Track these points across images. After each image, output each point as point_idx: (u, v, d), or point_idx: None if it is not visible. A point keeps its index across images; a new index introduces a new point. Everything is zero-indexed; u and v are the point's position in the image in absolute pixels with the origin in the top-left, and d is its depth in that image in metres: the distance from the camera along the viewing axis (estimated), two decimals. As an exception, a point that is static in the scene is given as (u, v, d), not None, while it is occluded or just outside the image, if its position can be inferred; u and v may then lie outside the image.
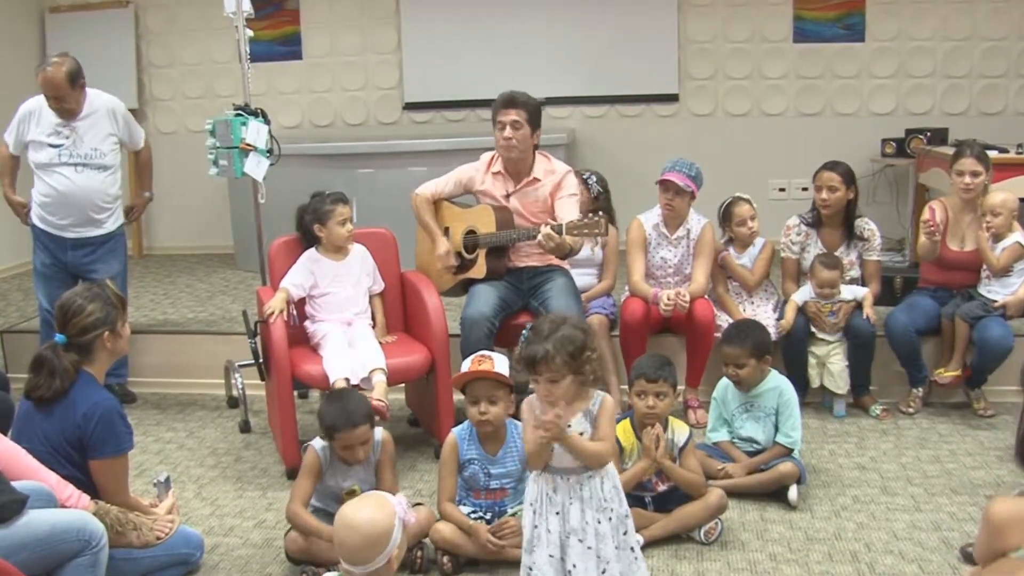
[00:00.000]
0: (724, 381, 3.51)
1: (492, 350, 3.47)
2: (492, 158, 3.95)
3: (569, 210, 3.78)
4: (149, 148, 4.57)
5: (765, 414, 3.40)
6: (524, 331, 2.50)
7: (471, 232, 3.94)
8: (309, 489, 2.93)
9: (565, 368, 2.37)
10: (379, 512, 2.07)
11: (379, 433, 2.99)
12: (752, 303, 4.23)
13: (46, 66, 4.04)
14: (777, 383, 3.42)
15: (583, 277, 4.19)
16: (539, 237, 3.56)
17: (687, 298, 3.93)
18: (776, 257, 4.32)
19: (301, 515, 2.87)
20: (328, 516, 2.70)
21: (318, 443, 2.94)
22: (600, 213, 3.59)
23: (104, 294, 2.79)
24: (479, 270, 3.91)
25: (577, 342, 2.38)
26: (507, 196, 3.90)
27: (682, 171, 4.03)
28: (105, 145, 4.25)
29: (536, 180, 3.87)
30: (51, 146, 4.17)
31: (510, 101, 3.80)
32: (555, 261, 3.90)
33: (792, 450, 3.35)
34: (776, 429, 3.39)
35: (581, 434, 2.43)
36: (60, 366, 2.69)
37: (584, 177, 4.29)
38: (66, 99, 4.07)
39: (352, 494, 2.90)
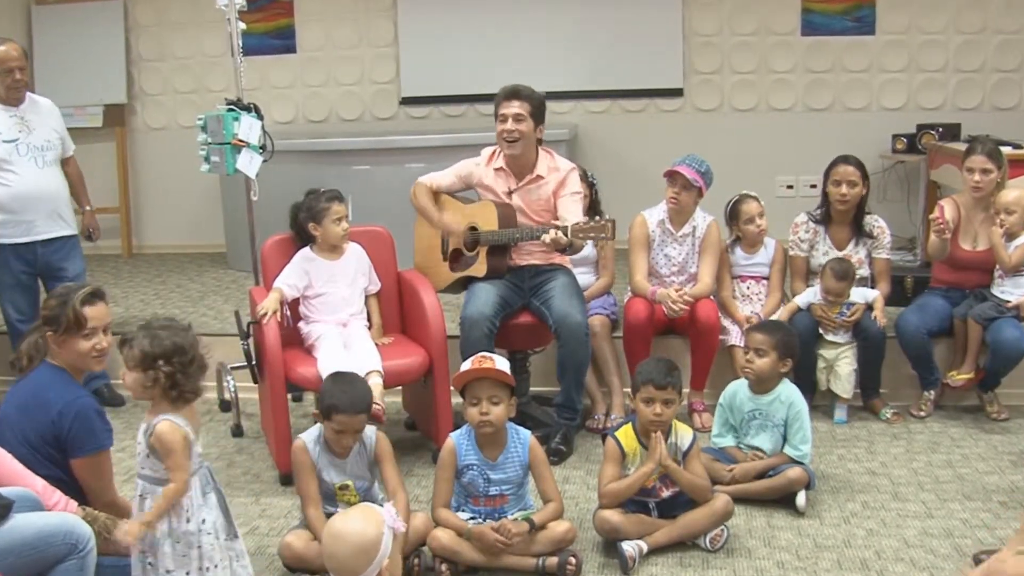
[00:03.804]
0: (733, 386, 3.44)
1: (492, 351, 3.43)
2: (493, 153, 3.88)
3: (571, 209, 3.73)
4: (76, 160, 4.48)
5: (774, 424, 3.34)
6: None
7: (472, 228, 3.86)
8: (315, 487, 2.87)
9: (132, 362, 2.42)
10: (367, 522, 2.08)
11: (371, 431, 2.95)
12: (761, 305, 4.16)
13: None
14: (789, 394, 3.35)
15: (581, 276, 4.11)
16: (544, 239, 3.51)
17: (688, 298, 3.89)
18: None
19: (314, 521, 2.83)
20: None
21: (307, 438, 2.90)
22: (605, 216, 3.54)
23: (69, 299, 2.69)
24: (479, 268, 3.83)
25: (150, 346, 2.41)
26: (509, 193, 3.83)
27: (692, 166, 3.98)
28: (54, 138, 4.25)
29: (540, 178, 3.80)
30: (6, 141, 4.10)
31: (513, 93, 3.74)
32: (557, 260, 3.85)
33: (801, 463, 3.29)
34: (784, 440, 3.32)
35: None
36: (32, 339, 2.72)
37: (589, 178, 4.20)
38: (26, 69, 4.09)
39: (345, 489, 2.90)
